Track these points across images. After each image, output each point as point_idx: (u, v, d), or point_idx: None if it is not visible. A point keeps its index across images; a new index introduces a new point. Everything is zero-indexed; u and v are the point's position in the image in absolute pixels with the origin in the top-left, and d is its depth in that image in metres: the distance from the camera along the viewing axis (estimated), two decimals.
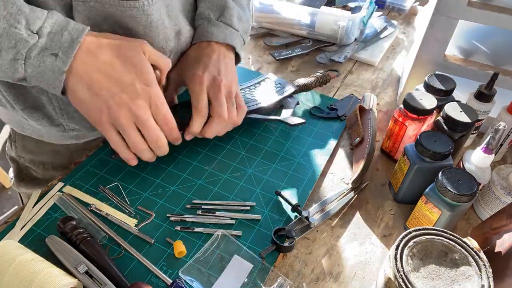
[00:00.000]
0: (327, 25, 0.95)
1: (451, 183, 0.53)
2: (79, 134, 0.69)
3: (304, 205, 0.63)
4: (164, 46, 0.62)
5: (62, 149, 0.74)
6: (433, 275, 0.44)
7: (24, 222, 0.58)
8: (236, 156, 0.70)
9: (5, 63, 0.46)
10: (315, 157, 0.71)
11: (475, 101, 0.67)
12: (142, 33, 0.57)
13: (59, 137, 0.69)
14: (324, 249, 0.59)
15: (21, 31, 0.45)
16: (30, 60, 0.46)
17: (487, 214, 0.61)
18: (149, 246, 0.57)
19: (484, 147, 0.57)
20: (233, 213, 0.61)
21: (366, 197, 0.66)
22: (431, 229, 0.47)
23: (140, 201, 0.62)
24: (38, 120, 0.63)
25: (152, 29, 0.58)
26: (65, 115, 0.63)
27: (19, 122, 0.68)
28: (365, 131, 0.71)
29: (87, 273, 0.50)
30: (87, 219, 0.59)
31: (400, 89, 0.84)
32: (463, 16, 0.66)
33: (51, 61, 0.47)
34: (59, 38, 0.47)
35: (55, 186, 0.63)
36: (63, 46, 0.47)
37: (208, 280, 0.53)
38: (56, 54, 0.47)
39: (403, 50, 1.02)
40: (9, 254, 0.49)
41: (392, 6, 1.16)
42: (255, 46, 1.01)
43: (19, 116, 0.64)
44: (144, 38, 0.57)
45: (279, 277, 0.54)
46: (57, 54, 0.47)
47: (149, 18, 0.56)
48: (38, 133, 0.69)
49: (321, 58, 0.94)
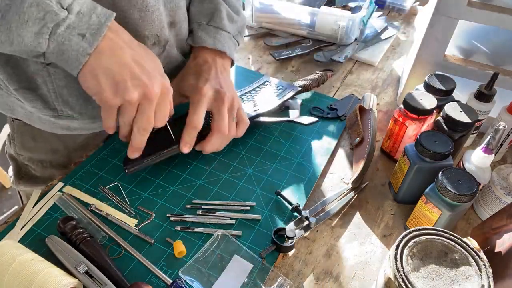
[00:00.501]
0: (327, 25, 0.95)
1: (451, 183, 0.53)
2: (71, 125, 0.67)
3: (304, 205, 0.63)
4: (159, 34, 0.61)
5: (61, 147, 0.74)
6: (433, 275, 0.44)
7: (24, 222, 0.58)
8: (236, 156, 0.70)
9: (28, 35, 0.44)
10: (315, 157, 0.71)
11: (475, 101, 0.67)
12: (137, 17, 0.56)
13: (50, 124, 0.68)
14: (324, 249, 0.59)
15: (52, 3, 0.43)
16: (55, 36, 0.45)
17: (487, 214, 0.61)
18: (149, 246, 0.57)
19: (484, 147, 0.57)
20: (233, 213, 0.61)
21: (366, 197, 0.66)
22: (431, 229, 0.47)
23: (140, 201, 0.62)
24: (31, 102, 0.61)
25: (148, 13, 0.57)
26: (60, 98, 0.62)
27: (10, 104, 0.66)
28: (365, 131, 0.71)
29: (87, 273, 0.50)
30: (87, 219, 0.59)
31: (400, 89, 0.84)
32: (463, 16, 0.66)
33: (77, 41, 0.46)
34: (88, 19, 0.46)
35: (55, 186, 0.63)
36: (91, 27, 0.46)
37: (208, 280, 0.53)
38: (83, 35, 0.46)
39: (403, 50, 1.02)
40: (9, 254, 0.49)
41: (392, 6, 1.16)
42: (255, 46, 1.01)
43: (12, 97, 0.62)
44: (139, 23, 0.57)
45: (279, 277, 0.54)
46: (84, 35, 0.46)
47: (145, 1, 0.56)
48: (29, 117, 0.67)
49: (318, 56, 0.94)
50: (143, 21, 0.57)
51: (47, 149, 0.74)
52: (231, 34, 0.70)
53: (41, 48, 0.46)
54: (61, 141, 0.74)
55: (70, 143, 0.74)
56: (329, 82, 0.90)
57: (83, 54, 0.47)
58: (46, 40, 0.45)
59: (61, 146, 0.74)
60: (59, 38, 0.45)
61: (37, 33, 0.44)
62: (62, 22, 0.45)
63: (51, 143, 0.73)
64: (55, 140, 0.73)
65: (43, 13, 0.43)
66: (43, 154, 0.75)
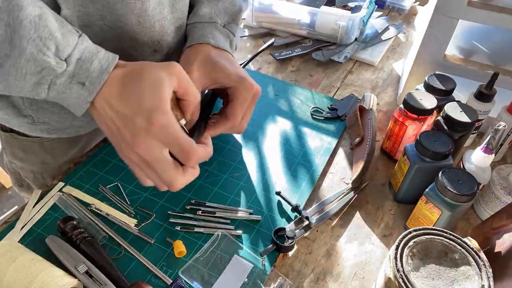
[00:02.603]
0: (327, 24, 0.95)
1: (451, 183, 0.53)
2: (50, 128, 0.65)
3: (304, 205, 0.63)
4: (160, 40, 0.58)
5: (50, 160, 0.73)
6: (433, 275, 0.44)
7: (24, 222, 0.58)
8: (236, 156, 0.70)
9: (27, 86, 0.43)
10: (315, 157, 0.71)
11: (475, 101, 0.67)
12: (135, 22, 0.53)
13: (28, 128, 0.65)
14: (324, 249, 0.59)
15: (49, 58, 0.41)
16: (55, 86, 0.43)
17: (487, 214, 0.61)
18: (149, 246, 0.57)
19: (484, 147, 0.57)
20: (233, 213, 0.61)
21: (366, 197, 0.66)
22: (431, 229, 0.47)
23: (140, 201, 0.62)
24: (2, 110, 0.59)
25: (147, 18, 0.53)
26: (34, 106, 0.59)
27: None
28: (365, 131, 0.71)
29: (87, 273, 0.50)
30: (87, 219, 0.59)
31: (400, 89, 0.84)
32: (463, 16, 0.66)
33: (77, 89, 0.44)
34: (88, 66, 0.43)
35: (55, 186, 0.63)
36: (91, 75, 0.43)
37: (208, 280, 0.53)
38: (83, 83, 0.43)
39: (403, 50, 1.02)
40: (9, 254, 0.49)
41: (392, 6, 1.16)
42: (255, 46, 1.01)
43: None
44: (137, 29, 0.54)
45: (279, 277, 0.54)
46: (84, 83, 0.43)
47: (145, 5, 0.52)
48: (7, 122, 0.64)
49: (316, 55, 0.94)
50: (141, 26, 0.54)
51: (37, 161, 0.73)
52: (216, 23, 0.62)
53: (40, 96, 0.44)
54: (50, 154, 0.72)
55: (58, 155, 0.73)
56: (329, 82, 0.90)
57: (84, 102, 0.45)
58: (46, 89, 0.43)
59: (50, 159, 0.73)
60: (59, 88, 0.44)
61: (36, 83, 0.43)
62: (61, 75, 0.43)
63: (40, 156, 0.72)
64: (42, 153, 0.72)
65: (40, 68, 0.41)
66: (34, 166, 0.74)
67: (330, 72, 0.93)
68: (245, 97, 0.55)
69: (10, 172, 0.79)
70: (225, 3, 0.63)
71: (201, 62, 0.55)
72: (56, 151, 0.72)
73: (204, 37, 0.59)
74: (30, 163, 0.74)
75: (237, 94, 0.55)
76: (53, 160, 0.73)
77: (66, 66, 0.42)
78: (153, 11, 0.54)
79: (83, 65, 0.43)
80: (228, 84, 0.56)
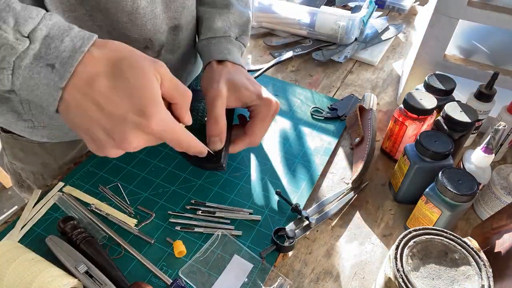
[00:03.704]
0: (327, 24, 0.95)
1: (451, 183, 0.53)
2: (51, 133, 0.64)
3: (304, 205, 0.63)
4: (152, 39, 0.57)
5: (51, 161, 0.73)
6: (433, 275, 0.44)
7: (24, 222, 0.58)
8: (236, 156, 0.70)
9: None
10: (315, 157, 0.71)
11: (475, 101, 0.67)
12: (126, 21, 0.51)
13: (29, 132, 0.63)
14: (324, 249, 0.59)
15: (7, 33, 0.35)
16: (20, 71, 0.36)
17: (487, 214, 0.61)
18: (149, 246, 0.57)
19: (484, 147, 0.57)
20: (233, 213, 0.61)
21: (366, 197, 0.66)
22: (431, 229, 0.47)
23: (140, 201, 0.62)
24: (3, 115, 0.58)
25: (138, 16, 0.52)
26: (33, 111, 0.57)
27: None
28: (365, 131, 0.71)
29: (87, 273, 0.50)
30: (87, 219, 0.59)
31: (400, 89, 0.84)
32: (463, 16, 0.66)
33: (46, 74, 0.37)
34: (58, 45, 0.37)
35: (55, 186, 0.63)
36: (61, 55, 0.37)
37: (208, 280, 0.53)
38: (52, 65, 0.37)
39: (403, 50, 1.02)
40: (9, 254, 0.49)
41: (392, 6, 1.16)
42: (255, 46, 1.01)
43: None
44: (128, 27, 0.52)
45: (279, 277, 0.54)
46: (53, 65, 0.37)
47: (136, 3, 0.51)
48: (9, 126, 0.64)
49: (317, 55, 0.94)
50: (132, 24, 0.53)
51: (37, 162, 0.73)
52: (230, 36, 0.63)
53: (4, 85, 0.37)
54: (50, 155, 0.72)
55: (59, 156, 0.73)
56: (329, 82, 0.90)
57: (55, 89, 0.37)
58: (9, 76, 0.37)
59: (50, 159, 0.72)
60: (25, 73, 0.37)
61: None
62: (24, 54, 0.36)
63: (40, 157, 0.71)
64: (42, 154, 0.71)
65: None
66: (34, 166, 0.74)
67: (330, 72, 0.93)
68: (264, 115, 0.57)
69: (10, 173, 0.79)
70: (235, 16, 0.65)
71: (225, 83, 0.56)
72: (57, 152, 0.72)
73: (221, 53, 0.60)
74: (31, 164, 0.74)
75: (257, 111, 0.57)
76: (54, 161, 0.73)
77: (29, 43, 0.36)
78: (145, 9, 0.53)
79: (51, 43, 0.37)
80: (250, 103, 0.57)
